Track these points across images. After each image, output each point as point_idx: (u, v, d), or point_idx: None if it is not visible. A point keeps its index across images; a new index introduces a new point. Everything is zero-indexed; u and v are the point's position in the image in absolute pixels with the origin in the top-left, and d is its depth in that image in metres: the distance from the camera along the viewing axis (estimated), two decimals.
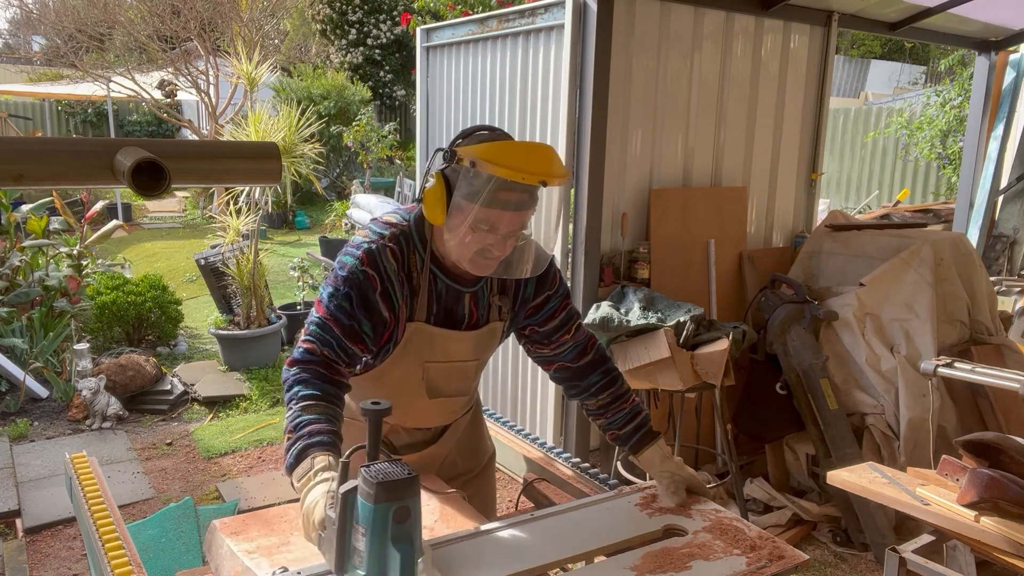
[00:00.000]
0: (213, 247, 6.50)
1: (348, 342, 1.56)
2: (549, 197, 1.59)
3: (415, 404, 1.74)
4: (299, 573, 1.32)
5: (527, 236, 1.61)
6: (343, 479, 1.21)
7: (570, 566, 1.50)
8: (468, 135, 1.56)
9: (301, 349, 1.55)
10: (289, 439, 1.43)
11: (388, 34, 15.72)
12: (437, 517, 1.61)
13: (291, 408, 1.48)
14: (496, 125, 4.09)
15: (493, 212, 1.48)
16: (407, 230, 1.64)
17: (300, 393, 1.48)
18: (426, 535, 1.53)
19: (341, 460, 1.24)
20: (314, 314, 1.58)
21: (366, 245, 1.59)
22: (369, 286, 1.56)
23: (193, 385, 5.28)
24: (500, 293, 1.74)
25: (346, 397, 1.86)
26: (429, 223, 1.62)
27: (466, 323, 1.71)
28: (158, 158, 0.98)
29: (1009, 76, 5.87)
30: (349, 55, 15.81)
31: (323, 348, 1.54)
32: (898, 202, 8.41)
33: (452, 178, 1.50)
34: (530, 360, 1.91)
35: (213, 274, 6.16)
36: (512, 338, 1.90)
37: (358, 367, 1.71)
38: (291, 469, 1.40)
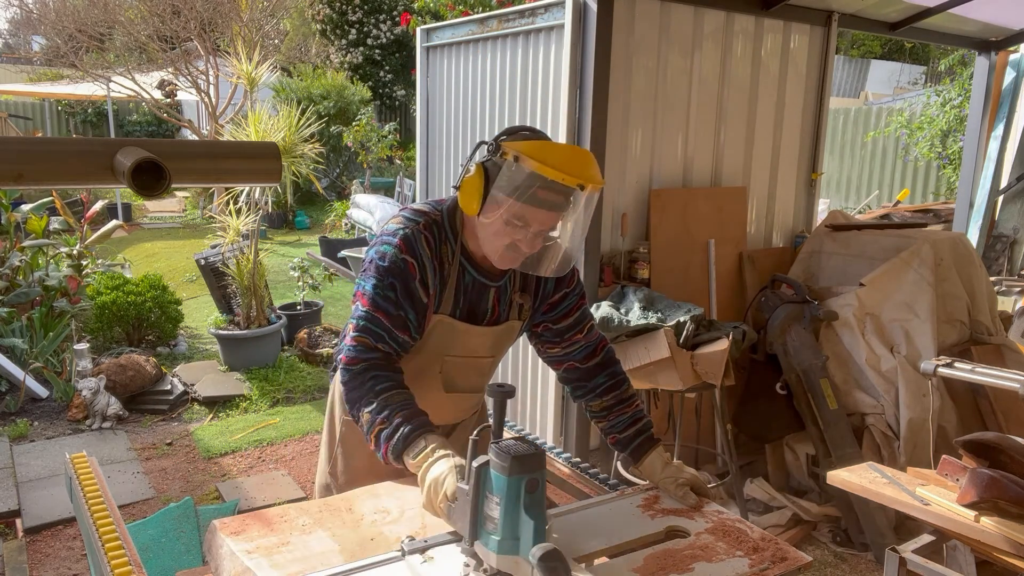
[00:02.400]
0: (213, 247, 6.50)
1: (398, 332, 1.61)
2: (587, 204, 1.60)
3: (428, 397, 1.73)
4: (425, 541, 1.41)
5: (555, 238, 1.63)
6: (474, 455, 1.32)
7: (572, 568, 1.50)
8: (513, 132, 1.61)
9: (356, 346, 1.58)
10: (384, 427, 1.51)
11: (388, 34, 15.72)
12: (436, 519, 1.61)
13: (371, 402, 1.53)
14: (496, 125, 4.09)
15: (528, 209, 1.52)
16: (440, 220, 1.66)
17: (376, 387, 1.54)
18: (430, 534, 1.52)
19: (471, 438, 1.34)
20: (360, 308, 1.61)
21: (402, 231, 1.62)
22: (409, 274, 1.60)
23: (193, 385, 5.28)
24: (522, 291, 1.76)
25: None
26: (460, 216, 1.65)
27: (487, 319, 1.73)
28: (158, 158, 0.98)
29: (1009, 76, 5.87)
30: (349, 55, 15.81)
31: (377, 343, 1.59)
32: (898, 202, 8.41)
33: (492, 171, 1.55)
34: (530, 360, 1.91)
35: (213, 274, 6.16)
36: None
37: None
38: (400, 452, 1.49)
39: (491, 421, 1.38)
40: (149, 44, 11.26)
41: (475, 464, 1.30)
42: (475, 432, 1.35)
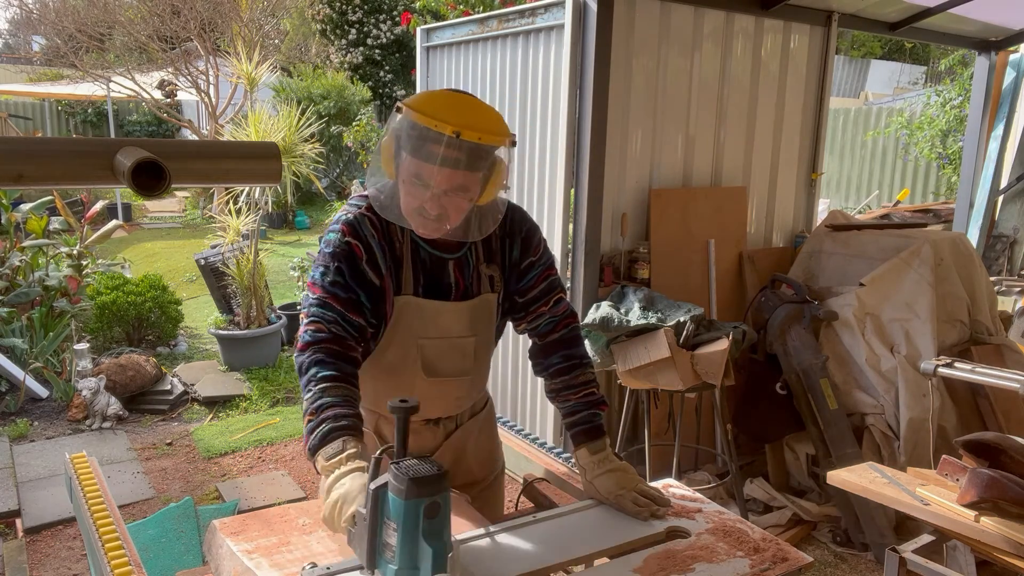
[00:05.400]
0: (213, 247, 6.50)
1: (351, 315, 1.56)
2: (493, 161, 1.54)
3: (413, 387, 1.71)
4: (328, 568, 1.33)
5: (480, 205, 1.57)
6: (374, 475, 1.23)
7: (572, 568, 1.50)
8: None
9: (309, 331, 1.54)
10: (311, 420, 1.43)
11: (388, 34, 15.71)
12: None
13: (310, 390, 1.47)
14: None
15: (421, 165, 1.48)
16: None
17: (319, 375, 1.48)
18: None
19: (373, 457, 1.25)
20: (311, 296, 1.58)
21: (345, 217, 1.61)
22: (355, 256, 1.58)
23: (193, 385, 5.28)
24: (487, 262, 1.71)
25: None
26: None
27: (455, 293, 1.68)
28: (158, 158, 0.98)
29: (1009, 76, 5.87)
30: (349, 55, 15.80)
31: (330, 326, 1.54)
32: (898, 202, 8.41)
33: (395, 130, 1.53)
34: (530, 360, 1.88)
35: (213, 274, 6.16)
36: (512, 338, 1.88)
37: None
38: (315, 450, 1.40)
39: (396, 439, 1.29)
40: (149, 44, 11.27)
41: (372, 487, 1.20)
42: (378, 451, 1.25)
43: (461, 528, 1.54)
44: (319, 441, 1.40)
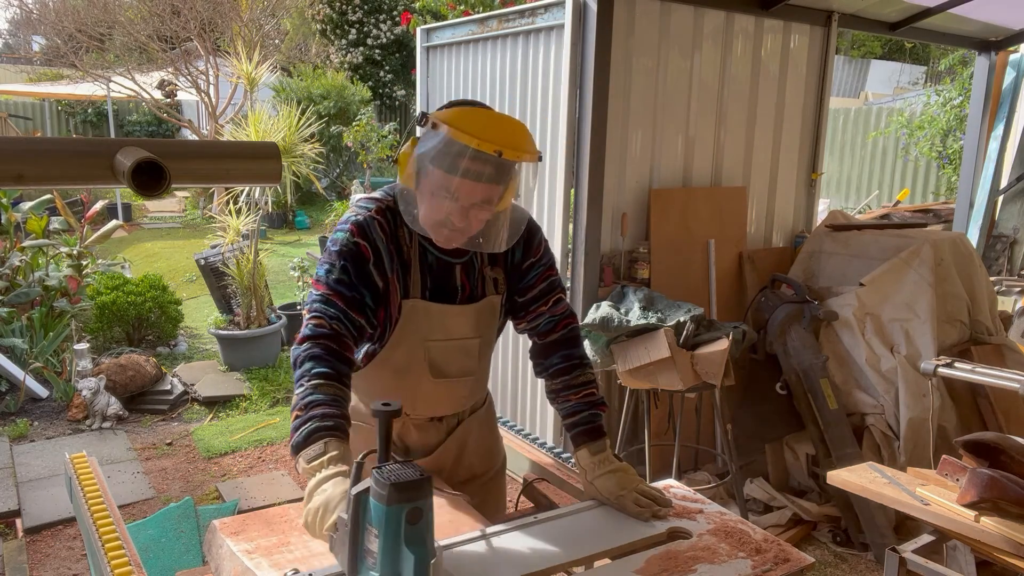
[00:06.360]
0: (213, 247, 6.50)
1: (353, 314, 1.56)
2: (521, 176, 1.57)
3: (420, 388, 1.72)
4: (311, 574, 1.30)
5: (498, 212, 1.58)
6: (356, 480, 1.20)
7: (573, 569, 1.50)
8: (452, 104, 1.58)
9: (310, 325, 1.54)
10: (299, 417, 1.42)
11: (388, 34, 15.72)
12: (438, 520, 1.61)
13: (302, 384, 1.46)
14: None
15: (451, 178, 1.48)
16: (392, 204, 1.64)
17: (313, 370, 1.47)
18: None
19: (355, 461, 1.22)
20: (314, 292, 1.58)
21: (354, 218, 1.61)
22: (363, 257, 1.58)
23: (193, 385, 5.28)
24: (491, 264, 1.72)
25: (353, 398, 1.83)
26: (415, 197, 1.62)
27: (460, 296, 1.69)
28: (158, 158, 0.98)
29: (1009, 76, 5.87)
30: (349, 55, 15.81)
31: (331, 321, 1.54)
32: (898, 202, 8.41)
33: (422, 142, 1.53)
34: (530, 360, 1.88)
35: (213, 274, 6.16)
36: (512, 338, 1.88)
37: (361, 354, 1.70)
38: (298, 448, 1.39)
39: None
40: (149, 44, 11.27)
41: (354, 492, 1.17)
42: (360, 456, 1.23)
43: (461, 528, 1.54)
44: (303, 440, 1.38)
